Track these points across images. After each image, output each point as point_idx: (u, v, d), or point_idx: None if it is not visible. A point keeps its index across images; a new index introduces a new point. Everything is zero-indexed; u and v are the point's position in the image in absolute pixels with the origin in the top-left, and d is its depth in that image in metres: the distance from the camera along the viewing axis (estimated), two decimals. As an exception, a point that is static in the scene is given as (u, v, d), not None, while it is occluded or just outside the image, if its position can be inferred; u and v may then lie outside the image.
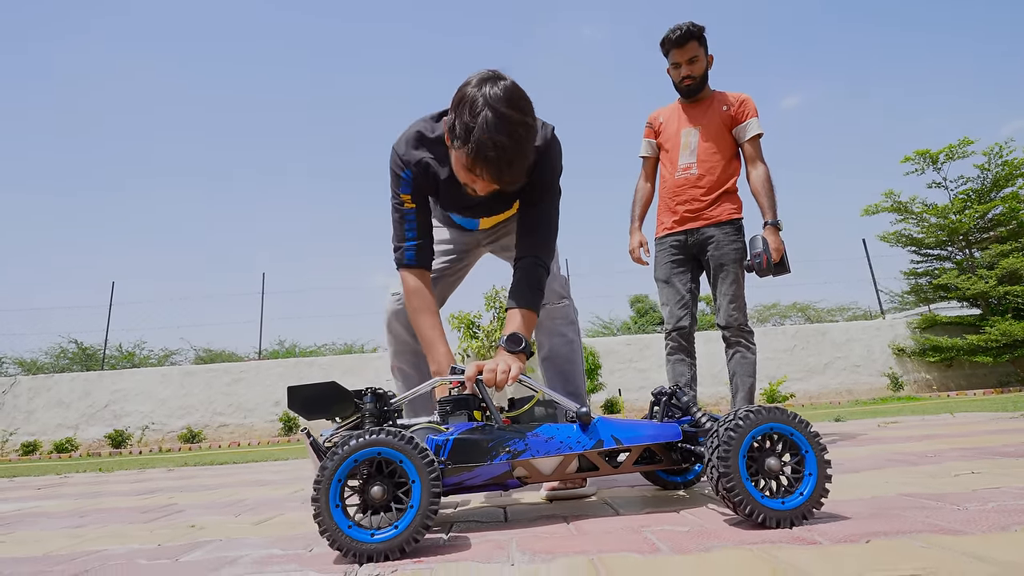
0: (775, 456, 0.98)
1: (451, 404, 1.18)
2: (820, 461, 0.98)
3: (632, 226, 2.51)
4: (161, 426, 8.17)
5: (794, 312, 14.61)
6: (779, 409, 0.99)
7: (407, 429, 1.15)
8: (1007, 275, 8.26)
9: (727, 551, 0.84)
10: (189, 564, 0.99)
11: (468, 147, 1.17)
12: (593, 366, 7.95)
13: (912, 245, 9.51)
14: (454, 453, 1.08)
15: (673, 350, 2.38)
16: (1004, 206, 8.58)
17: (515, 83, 1.21)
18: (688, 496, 1.33)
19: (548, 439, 1.12)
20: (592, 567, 0.80)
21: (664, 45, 2.39)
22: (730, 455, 0.95)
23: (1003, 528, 0.87)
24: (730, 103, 2.38)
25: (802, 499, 0.96)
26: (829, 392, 8.40)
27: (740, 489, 0.94)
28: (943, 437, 2.22)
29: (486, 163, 1.17)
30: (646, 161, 2.58)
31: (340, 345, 12.45)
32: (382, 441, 0.94)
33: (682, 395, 1.26)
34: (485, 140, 1.15)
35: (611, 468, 1.17)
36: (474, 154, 1.16)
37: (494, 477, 1.10)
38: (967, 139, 8.86)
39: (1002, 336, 7.79)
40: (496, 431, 1.12)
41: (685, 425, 1.20)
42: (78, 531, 1.43)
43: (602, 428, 1.15)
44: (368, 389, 1.14)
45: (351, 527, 0.91)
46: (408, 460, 0.94)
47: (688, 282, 2.40)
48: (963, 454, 1.70)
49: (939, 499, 1.10)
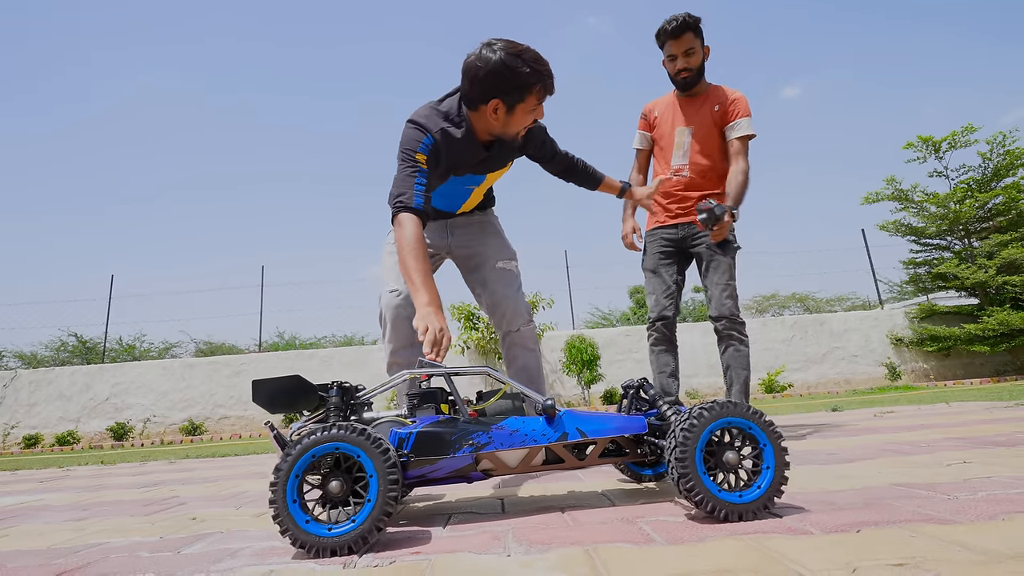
0: (733, 450, 1.00)
1: (418, 397, 1.19)
2: (778, 453, 0.99)
3: (624, 214, 2.53)
4: (163, 419, 8.21)
5: (793, 302, 14.62)
6: (734, 403, 1.00)
7: (372, 423, 1.17)
8: (1006, 265, 8.26)
9: (720, 541, 0.85)
10: (191, 556, 1.01)
11: (533, 86, 1.49)
12: (592, 357, 7.97)
13: (912, 234, 9.50)
14: (417, 446, 1.09)
15: (657, 341, 2.41)
16: (1004, 195, 8.57)
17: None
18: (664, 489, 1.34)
19: (513, 432, 1.13)
20: (587, 558, 0.82)
21: (659, 36, 2.37)
22: (687, 453, 0.96)
23: (991, 517, 0.88)
24: (722, 101, 2.37)
25: (760, 492, 0.97)
26: (827, 382, 8.43)
27: (698, 486, 0.96)
28: (938, 427, 2.24)
29: (551, 85, 1.52)
30: (639, 153, 2.59)
31: (340, 337, 12.46)
32: (338, 436, 0.95)
33: (649, 388, 1.26)
34: (543, 71, 1.49)
35: (577, 461, 1.18)
36: (540, 83, 1.49)
37: (457, 470, 1.12)
38: (971, 126, 8.81)
39: (1000, 326, 7.81)
40: (461, 424, 1.13)
41: (652, 418, 1.20)
42: (80, 524, 1.44)
43: (567, 421, 1.16)
44: (334, 383, 1.15)
45: (308, 522, 0.92)
46: (365, 454, 0.95)
47: (675, 274, 2.43)
48: (956, 444, 1.72)
49: (930, 489, 1.11)
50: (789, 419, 3.30)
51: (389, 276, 1.77)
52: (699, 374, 8.40)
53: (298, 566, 0.89)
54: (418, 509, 1.34)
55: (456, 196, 1.82)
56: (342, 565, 0.87)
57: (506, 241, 1.95)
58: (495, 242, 1.90)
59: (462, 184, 1.76)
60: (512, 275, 1.85)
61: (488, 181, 1.83)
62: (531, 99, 1.52)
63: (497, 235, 1.93)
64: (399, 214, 1.49)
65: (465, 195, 1.81)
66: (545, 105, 1.60)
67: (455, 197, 1.82)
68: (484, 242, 1.89)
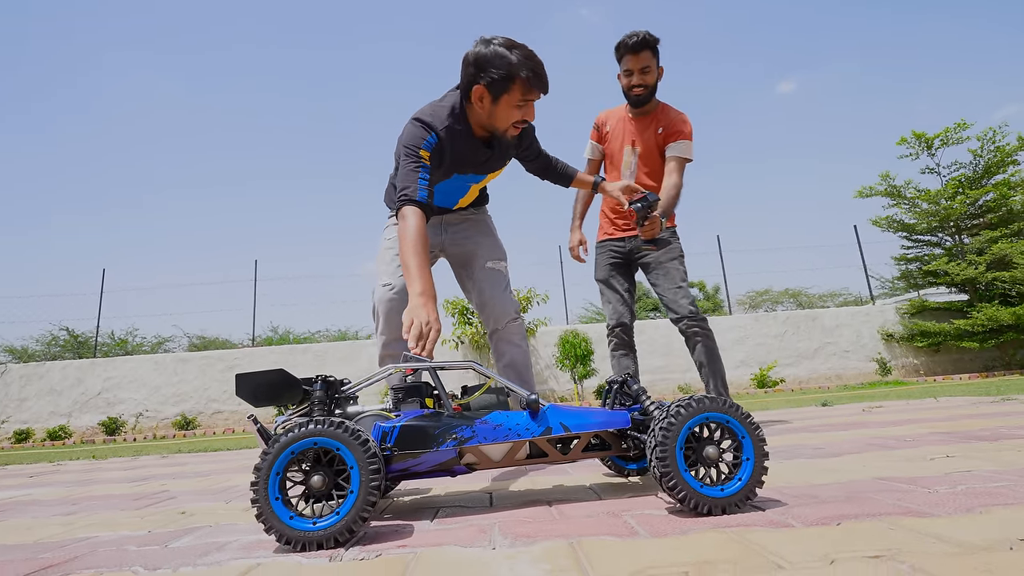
0: (713, 445, 1.01)
1: (403, 391, 1.20)
2: (756, 445, 1.00)
3: (572, 224, 2.62)
4: (155, 413, 8.19)
5: (786, 298, 14.71)
6: (711, 399, 1.01)
7: (356, 417, 1.17)
8: (995, 261, 8.34)
9: (703, 534, 0.86)
10: (178, 550, 1.01)
11: (523, 76, 1.49)
12: (586, 352, 8.00)
13: (903, 231, 9.57)
14: (401, 440, 1.09)
15: (616, 346, 2.50)
16: (995, 192, 8.64)
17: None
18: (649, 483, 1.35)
19: (497, 426, 1.14)
20: (571, 550, 0.83)
21: (619, 50, 2.42)
22: (667, 449, 0.97)
23: (968, 510, 0.89)
24: (667, 124, 2.43)
25: (740, 484, 0.98)
26: (819, 377, 8.50)
27: (680, 483, 0.96)
28: (924, 421, 2.26)
29: (539, 80, 1.51)
30: (590, 163, 2.65)
31: (334, 332, 12.45)
32: (317, 431, 0.95)
33: (632, 383, 1.28)
34: (533, 65, 1.50)
35: (561, 455, 1.18)
36: (529, 74, 1.49)
37: (440, 463, 1.12)
38: (963, 123, 8.88)
39: (989, 321, 7.89)
40: (444, 418, 1.13)
41: (635, 413, 1.21)
42: (69, 518, 1.44)
43: (551, 415, 1.17)
44: (318, 377, 1.15)
45: (293, 518, 0.93)
46: (345, 447, 0.95)
47: (626, 282, 2.54)
48: (941, 438, 1.74)
49: (911, 482, 1.13)
50: (779, 414, 3.33)
51: (384, 270, 1.79)
52: (692, 369, 8.44)
53: (285, 559, 0.89)
54: (406, 504, 1.35)
55: (454, 192, 1.83)
56: (328, 558, 0.88)
57: (498, 241, 1.97)
58: (487, 242, 1.92)
59: (463, 180, 1.78)
60: (500, 275, 1.89)
61: (486, 180, 1.86)
62: (515, 90, 1.51)
63: (489, 235, 1.95)
64: (404, 207, 1.51)
65: (463, 191, 1.84)
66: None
67: (452, 193, 1.83)
68: (476, 241, 1.91)
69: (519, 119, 1.58)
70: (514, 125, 1.59)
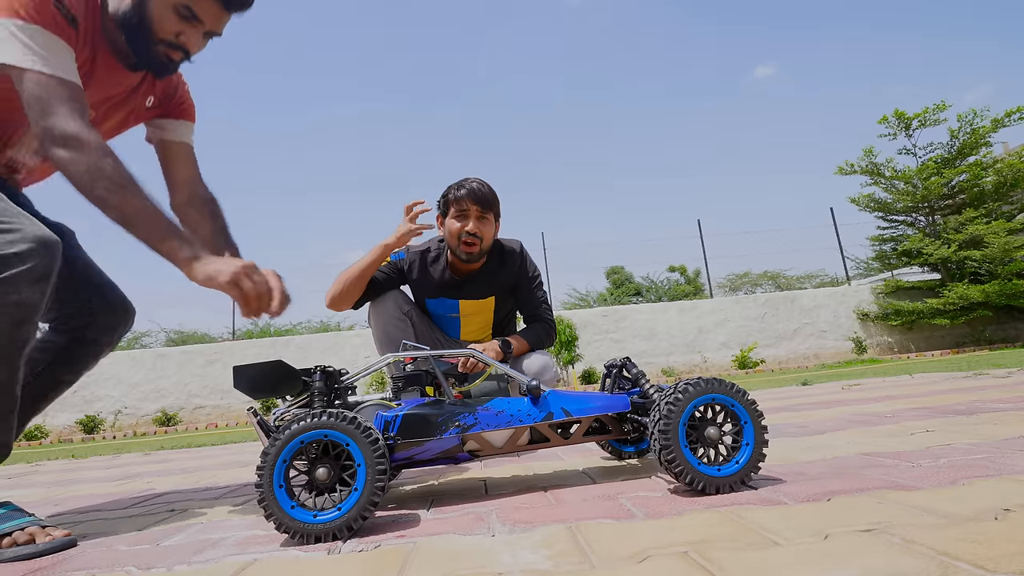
0: (715, 426, 1.03)
1: (403, 380, 1.19)
2: (758, 431, 1.02)
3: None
4: (135, 410, 8.04)
5: (765, 280, 14.94)
6: (719, 380, 1.02)
7: (358, 406, 1.17)
8: (967, 241, 8.57)
9: (697, 514, 0.88)
10: (171, 548, 0.99)
11: (456, 189, 1.74)
12: (570, 338, 8.04)
13: (880, 210, 9.75)
14: (404, 429, 1.09)
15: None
16: (969, 173, 8.84)
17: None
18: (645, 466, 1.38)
19: (498, 412, 1.14)
20: (570, 534, 0.83)
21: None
22: (671, 426, 0.99)
23: (952, 482, 0.92)
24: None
25: (738, 467, 1.00)
26: (797, 357, 8.69)
27: (680, 458, 0.98)
28: (902, 398, 2.33)
29: (470, 191, 1.72)
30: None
31: (316, 323, 12.30)
32: (329, 424, 0.94)
33: (631, 367, 1.29)
34: (468, 181, 1.75)
35: (562, 439, 1.19)
36: (460, 188, 1.73)
37: (444, 451, 1.13)
38: (943, 104, 9.03)
39: (959, 299, 8.13)
40: (446, 406, 1.14)
41: (634, 396, 1.23)
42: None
43: (552, 401, 1.17)
44: (317, 367, 1.14)
45: (294, 508, 0.92)
46: (355, 443, 0.95)
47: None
48: (919, 414, 1.80)
49: (895, 457, 1.16)
50: (761, 394, 3.40)
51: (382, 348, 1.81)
52: (675, 352, 8.57)
53: (281, 554, 0.89)
54: (403, 492, 1.34)
55: (447, 324, 1.89)
56: (326, 551, 0.88)
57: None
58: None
59: (444, 310, 1.86)
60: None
61: (468, 311, 1.86)
62: (452, 200, 1.74)
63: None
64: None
65: (452, 323, 1.87)
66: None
67: (447, 325, 1.89)
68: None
69: (459, 232, 1.73)
70: (460, 239, 1.73)
